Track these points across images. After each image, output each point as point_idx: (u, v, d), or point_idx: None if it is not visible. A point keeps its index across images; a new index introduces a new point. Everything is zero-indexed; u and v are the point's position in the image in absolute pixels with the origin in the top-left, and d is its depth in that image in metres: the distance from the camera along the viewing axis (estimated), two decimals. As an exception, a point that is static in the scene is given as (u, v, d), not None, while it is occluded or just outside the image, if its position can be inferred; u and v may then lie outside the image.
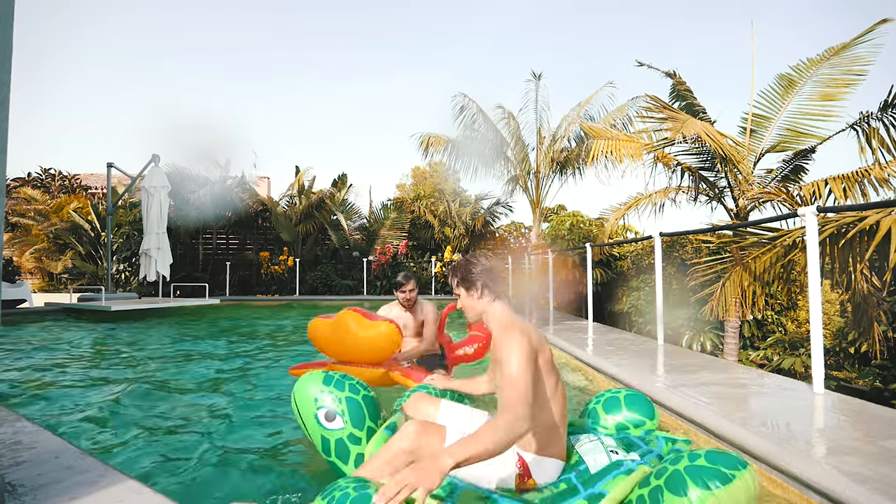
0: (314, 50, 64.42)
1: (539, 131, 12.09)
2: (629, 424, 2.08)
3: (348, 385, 1.93)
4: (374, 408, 1.95)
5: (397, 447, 1.62)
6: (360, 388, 1.94)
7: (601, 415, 2.12)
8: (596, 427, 2.10)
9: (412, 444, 1.61)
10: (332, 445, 1.83)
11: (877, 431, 1.95)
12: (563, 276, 10.27)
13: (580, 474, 1.64)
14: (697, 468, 1.34)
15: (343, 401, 1.88)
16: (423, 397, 2.10)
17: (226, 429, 2.70)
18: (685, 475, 1.33)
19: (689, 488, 1.30)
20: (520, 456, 1.67)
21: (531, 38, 57.32)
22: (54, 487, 1.44)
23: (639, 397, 2.18)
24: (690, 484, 1.30)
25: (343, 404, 1.87)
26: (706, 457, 1.37)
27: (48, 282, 14.15)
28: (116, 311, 7.99)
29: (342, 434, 1.83)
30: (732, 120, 30.58)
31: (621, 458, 1.70)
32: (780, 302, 8.65)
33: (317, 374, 1.96)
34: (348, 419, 1.85)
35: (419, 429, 1.64)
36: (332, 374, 1.96)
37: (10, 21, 1.35)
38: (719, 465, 1.33)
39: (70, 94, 63.72)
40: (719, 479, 1.30)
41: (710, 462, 1.35)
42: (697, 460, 1.36)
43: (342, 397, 1.88)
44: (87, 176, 21.18)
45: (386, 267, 12.92)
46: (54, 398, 3.26)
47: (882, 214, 3.83)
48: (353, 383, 1.96)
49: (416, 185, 24.21)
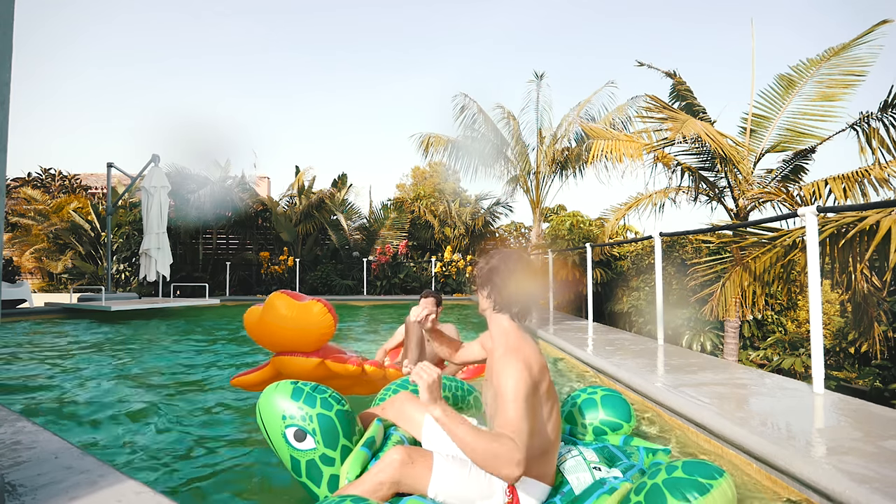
0: (314, 50, 64.45)
1: (539, 131, 12.10)
2: (606, 429, 2.08)
3: (320, 400, 1.73)
4: (349, 424, 1.77)
5: (379, 478, 1.50)
6: (334, 403, 1.75)
7: (577, 418, 2.13)
8: (574, 432, 2.11)
9: (395, 475, 1.50)
10: (302, 466, 1.67)
11: (877, 431, 1.95)
12: (563, 276, 10.27)
13: (564, 497, 1.61)
14: (675, 480, 1.35)
15: (314, 418, 1.68)
16: (408, 399, 1.98)
17: (226, 429, 2.70)
18: (664, 488, 1.35)
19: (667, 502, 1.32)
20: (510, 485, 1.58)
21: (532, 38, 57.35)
22: (54, 487, 1.44)
23: (616, 398, 2.17)
24: (669, 497, 1.32)
25: (314, 422, 1.67)
26: (683, 468, 1.38)
27: (48, 282, 14.16)
28: (116, 311, 7.99)
29: (314, 455, 1.66)
30: (732, 120, 30.58)
31: (604, 475, 1.68)
32: (780, 302, 8.65)
33: (284, 386, 1.75)
34: (320, 439, 1.67)
35: (404, 458, 1.52)
36: (301, 386, 1.76)
37: (11, 21, 1.35)
38: (696, 476, 1.35)
39: (70, 94, 63.73)
40: (697, 490, 1.32)
41: (686, 473, 1.36)
42: (674, 472, 1.38)
43: (313, 415, 1.68)
44: (87, 176, 21.17)
45: (386, 267, 12.93)
46: (54, 398, 3.26)
47: (882, 214, 3.83)
48: (325, 397, 1.75)
49: (416, 185, 24.21)
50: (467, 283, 12.65)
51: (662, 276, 4.60)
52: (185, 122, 28.91)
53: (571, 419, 2.14)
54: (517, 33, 60.40)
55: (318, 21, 64.33)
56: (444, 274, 12.82)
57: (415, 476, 1.51)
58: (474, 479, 1.56)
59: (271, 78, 65.77)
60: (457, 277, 12.77)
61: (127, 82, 63.82)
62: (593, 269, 8.89)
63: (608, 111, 11.45)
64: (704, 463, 1.42)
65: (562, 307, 10.00)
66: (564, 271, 10.34)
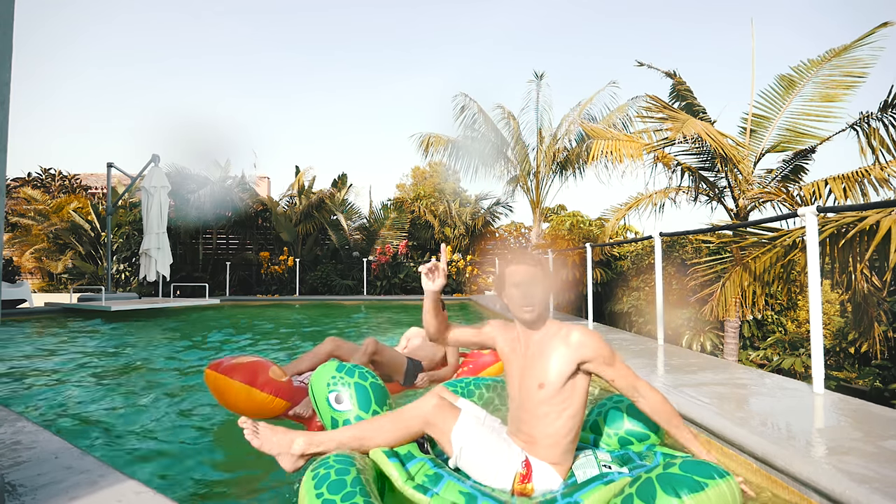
0: (314, 50, 64.44)
1: (539, 131, 12.10)
2: (633, 439, 2.03)
3: (357, 373, 2.11)
4: (381, 394, 2.10)
5: (414, 412, 1.70)
6: (369, 376, 2.13)
7: (603, 428, 2.08)
8: (598, 441, 2.06)
9: (428, 413, 1.68)
10: (339, 425, 1.98)
11: (877, 431, 1.95)
12: (563, 276, 10.27)
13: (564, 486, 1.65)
14: (669, 476, 1.36)
15: (352, 385, 2.05)
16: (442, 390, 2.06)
17: (226, 429, 2.70)
18: (656, 482, 1.36)
19: (657, 496, 1.32)
20: (527, 459, 1.66)
21: (532, 38, 57.32)
22: (54, 487, 1.44)
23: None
24: (659, 491, 1.33)
25: (352, 388, 2.04)
26: (681, 466, 1.39)
27: (48, 282, 14.15)
28: (116, 311, 7.99)
29: (349, 415, 1.99)
30: (732, 120, 30.56)
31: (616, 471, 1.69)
32: (780, 302, 8.65)
33: (332, 363, 2.16)
34: (355, 402, 2.01)
35: (438, 402, 1.70)
36: (344, 363, 2.15)
37: (11, 21, 1.35)
38: (692, 474, 1.35)
39: (70, 94, 63.72)
40: (688, 488, 1.32)
41: (683, 470, 1.37)
42: (671, 468, 1.39)
43: (351, 382, 2.06)
44: (87, 176, 21.16)
45: (386, 267, 12.92)
46: (54, 398, 3.26)
47: (882, 214, 3.83)
48: (363, 371, 2.13)
49: (416, 185, 24.20)
50: (467, 283, 12.64)
51: (662, 276, 4.59)
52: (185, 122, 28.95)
53: (596, 428, 2.09)
54: (517, 33, 60.37)
55: (318, 21, 64.36)
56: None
57: (444, 418, 1.67)
58: (493, 443, 1.69)
59: (271, 78, 65.79)
60: (457, 277, 12.76)
61: (127, 82, 63.82)
62: (593, 269, 8.89)
63: (609, 111, 11.45)
64: (707, 464, 1.41)
65: (562, 307, 10.00)
66: (564, 271, 10.33)
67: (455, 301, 11.37)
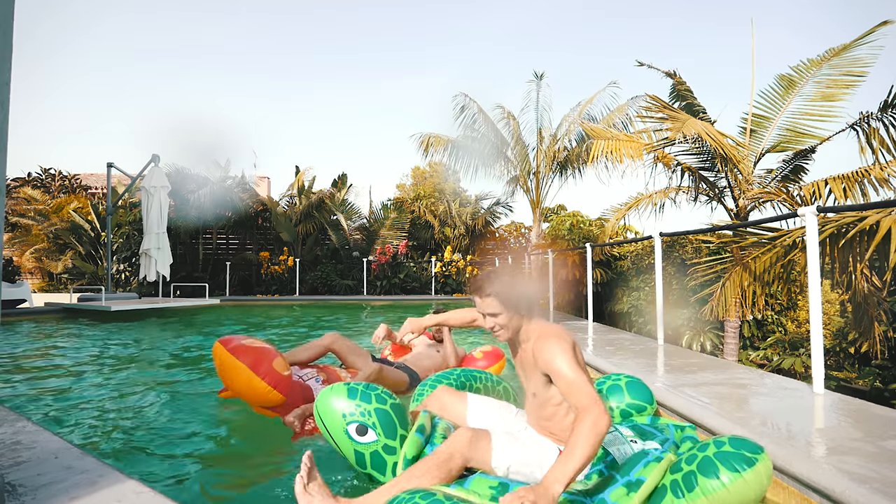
0: (314, 50, 64.44)
1: (539, 131, 12.09)
2: (632, 410, 2.26)
3: (374, 396, 1.90)
4: (403, 415, 1.94)
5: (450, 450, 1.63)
6: (387, 398, 1.93)
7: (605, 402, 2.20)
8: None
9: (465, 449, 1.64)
10: (367, 458, 1.82)
11: (877, 431, 1.95)
12: (563, 276, 10.27)
13: (609, 465, 1.72)
14: (725, 454, 1.47)
15: (372, 413, 1.84)
16: (446, 391, 2.07)
17: (227, 429, 2.70)
18: (715, 460, 1.46)
19: (720, 472, 1.43)
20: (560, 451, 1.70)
21: (532, 38, 57.33)
22: (54, 487, 1.44)
23: (638, 383, 2.37)
24: (721, 468, 1.44)
25: (373, 416, 1.84)
26: (730, 443, 1.50)
27: (48, 282, 14.15)
28: (116, 311, 7.99)
29: (377, 447, 1.81)
30: (732, 120, 30.55)
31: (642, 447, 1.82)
32: (780, 302, 8.65)
33: (339, 388, 1.90)
34: (381, 431, 1.83)
35: (471, 435, 1.67)
36: (354, 386, 1.92)
37: (11, 21, 1.35)
38: (743, 451, 1.47)
39: (70, 94, 63.73)
40: (745, 463, 1.44)
41: (734, 448, 1.48)
42: (723, 447, 1.50)
43: (370, 410, 1.85)
44: (87, 176, 21.16)
45: (386, 267, 12.92)
46: (54, 398, 3.26)
47: (882, 214, 3.83)
48: (379, 393, 1.92)
49: (416, 185, 24.19)
50: (467, 283, 12.64)
51: (662, 276, 4.59)
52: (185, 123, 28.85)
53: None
54: (517, 33, 60.39)
55: (318, 21, 64.35)
56: (444, 274, 12.82)
57: (480, 450, 1.66)
58: (528, 447, 1.73)
59: (271, 78, 65.81)
60: (457, 277, 12.76)
61: (127, 82, 63.91)
62: (593, 269, 8.89)
63: (610, 111, 11.44)
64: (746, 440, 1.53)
65: (562, 307, 10.00)
66: (564, 271, 10.33)
67: (455, 301, 11.36)
